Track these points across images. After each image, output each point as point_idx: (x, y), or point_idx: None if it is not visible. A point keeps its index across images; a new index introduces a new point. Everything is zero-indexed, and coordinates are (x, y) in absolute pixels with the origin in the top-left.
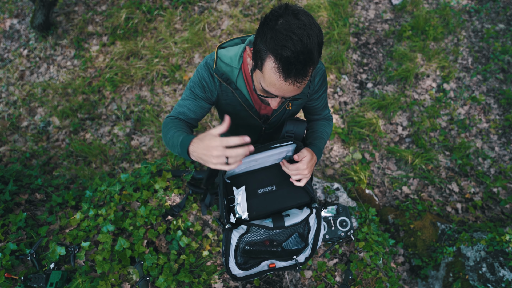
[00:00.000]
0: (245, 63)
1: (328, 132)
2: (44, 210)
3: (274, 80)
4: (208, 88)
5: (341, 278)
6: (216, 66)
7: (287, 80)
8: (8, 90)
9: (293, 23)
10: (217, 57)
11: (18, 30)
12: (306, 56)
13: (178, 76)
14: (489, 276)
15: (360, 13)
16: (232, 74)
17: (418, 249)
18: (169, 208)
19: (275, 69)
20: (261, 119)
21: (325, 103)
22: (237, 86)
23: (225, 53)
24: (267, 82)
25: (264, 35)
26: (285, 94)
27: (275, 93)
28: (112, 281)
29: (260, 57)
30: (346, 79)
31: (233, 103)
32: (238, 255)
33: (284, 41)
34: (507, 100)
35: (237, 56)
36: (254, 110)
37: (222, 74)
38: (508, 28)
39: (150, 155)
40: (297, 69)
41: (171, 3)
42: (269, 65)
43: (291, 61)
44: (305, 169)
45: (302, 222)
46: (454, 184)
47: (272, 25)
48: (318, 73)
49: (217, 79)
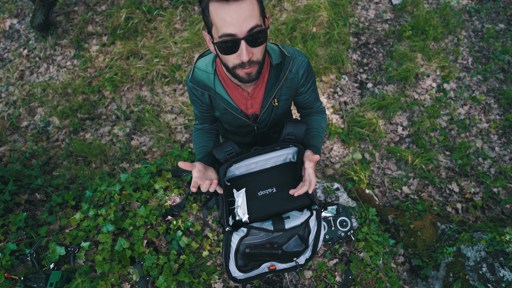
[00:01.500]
0: (218, 66)
1: (323, 126)
2: (44, 210)
3: (221, 14)
4: (198, 99)
5: (341, 278)
6: (193, 75)
7: (229, 1)
8: (8, 90)
9: None
10: (194, 67)
11: (18, 30)
12: None
13: (178, 76)
14: (489, 276)
15: (360, 13)
16: (209, 80)
17: (418, 249)
18: (169, 208)
19: (216, 4)
20: (250, 119)
21: (315, 95)
22: (216, 91)
23: (202, 61)
24: (219, 24)
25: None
26: (240, 25)
27: (231, 30)
28: (112, 281)
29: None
30: (346, 79)
31: (219, 107)
32: (238, 258)
33: None
34: (507, 100)
35: (211, 61)
36: (239, 112)
37: (198, 82)
38: (508, 28)
39: (150, 155)
40: None
41: (171, 3)
42: (212, 8)
43: None
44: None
45: (303, 224)
46: (454, 184)
47: None
48: (301, 66)
49: (198, 89)
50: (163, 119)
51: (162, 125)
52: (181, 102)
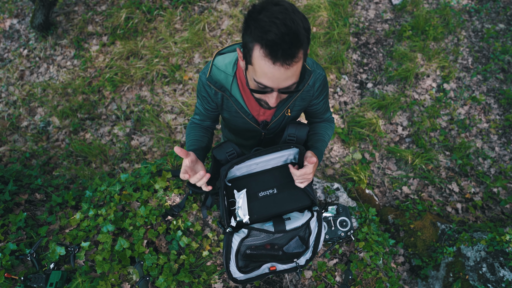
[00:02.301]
0: (239, 70)
1: (330, 134)
2: (44, 210)
3: (263, 67)
4: (208, 96)
5: (341, 278)
6: (210, 74)
7: (275, 63)
8: (8, 90)
9: (275, 10)
10: (212, 65)
11: (18, 30)
12: (292, 36)
13: (178, 76)
14: (489, 276)
15: (360, 13)
16: (227, 81)
17: (418, 249)
18: (169, 208)
19: (262, 55)
20: (260, 125)
21: (326, 106)
22: (232, 93)
23: (221, 60)
24: (258, 72)
25: (248, 28)
26: (279, 83)
27: (268, 84)
28: (112, 281)
29: (248, 51)
30: (346, 79)
31: (230, 109)
32: (239, 259)
33: (268, 27)
34: (507, 100)
35: (232, 63)
36: (251, 117)
37: (215, 82)
38: (508, 28)
39: (150, 155)
40: (283, 50)
41: (171, 3)
42: (256, 54)
43: (277, 42)
44: (310, 174)
45: (303, 225)
46: (454, 184)
47: (255, 16)
48: (318, 79)
49: (213, 87)
50: (163, 119)
51: (162, 125)
52: (181, 102)
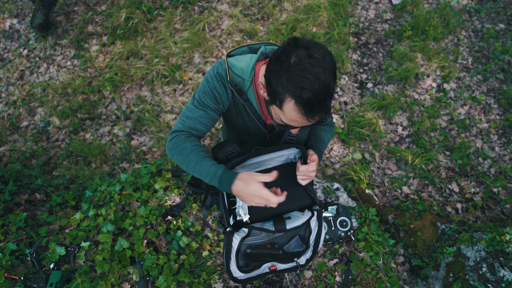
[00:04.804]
0: (256, 76)
1: (329, 137)
2: (44, 210)
3: (295, 117)
4: (220, 99)
5: (341, 278)
6: (230, 78)
7: (310, 119)
8: (8, 90)
9: (307, 62)
10: (228, 68)
11: (18, 30)
12: (326, 93)
13: (178, 76)
14: (489, 276)
15: (360, 13)
16: (244, 85)
17: (418, 249)
18: (169, 208)
19: (296, 111)
20: (267, 128)
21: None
22: (248, 97)
23: (235, 64)
24: (289, 118)
25: (279, 77)
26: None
27: (296, 126)
28: (112, 281)
29: (279, 98)
30: (346, 79)
31: (242, 113)
32: (239, 258)
33: (301, 83)
34: (507, 100)
35: (249, 68)
36: (261, 121)
37: (236, 85)
38: (508, 28)
39: (150, 155)
40: (320, 108)
41: (171, 3)
42: (289, 106)
43: (313, 103)
44: (313, 171)
45: (304, 225)
46: (454, 184)
47: (286, 66)
48: None
49: (230, 90)
50: (163, 119)
51: (162, 125)
52: (181, 102)
